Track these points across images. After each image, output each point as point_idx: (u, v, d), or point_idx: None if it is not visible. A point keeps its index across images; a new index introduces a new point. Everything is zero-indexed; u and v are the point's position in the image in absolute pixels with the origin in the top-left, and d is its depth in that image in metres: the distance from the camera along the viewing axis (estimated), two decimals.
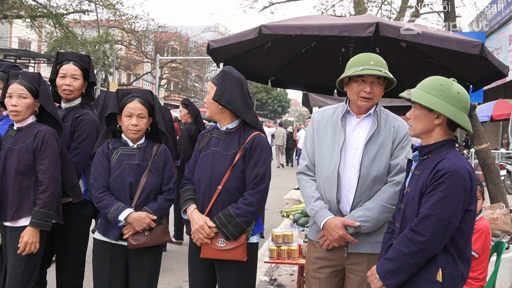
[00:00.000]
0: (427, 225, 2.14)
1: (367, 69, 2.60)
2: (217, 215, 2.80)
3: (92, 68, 3.60)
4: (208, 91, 2.94)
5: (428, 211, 2.15)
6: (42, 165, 3.01)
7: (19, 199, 3.02)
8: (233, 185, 2.81)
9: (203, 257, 2.85)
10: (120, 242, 2.96)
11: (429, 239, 2.13)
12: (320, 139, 2.75)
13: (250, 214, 2.79)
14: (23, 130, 3.11)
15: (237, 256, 2.79)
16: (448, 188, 2.13)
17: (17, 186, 3.02)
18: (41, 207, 2.97)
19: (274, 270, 5.58)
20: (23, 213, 3.01)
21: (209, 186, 2.83)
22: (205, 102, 3.02)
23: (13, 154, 3.05)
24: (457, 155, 2.25)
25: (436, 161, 2.22)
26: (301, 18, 4.58)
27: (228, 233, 2.76)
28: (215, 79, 2.93)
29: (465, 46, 3.74)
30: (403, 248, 2.19)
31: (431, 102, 2.24)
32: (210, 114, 2.96)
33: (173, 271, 5.43)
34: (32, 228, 2.95)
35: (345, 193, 2.66)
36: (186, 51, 35.04)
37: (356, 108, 2.74)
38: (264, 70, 5.73)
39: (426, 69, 4.89)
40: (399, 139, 2.68)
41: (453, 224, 2.13)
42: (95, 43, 21.32)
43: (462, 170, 2.15)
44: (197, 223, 2.80)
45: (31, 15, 16.04)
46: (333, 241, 2.63)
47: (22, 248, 2.94)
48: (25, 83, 3.08)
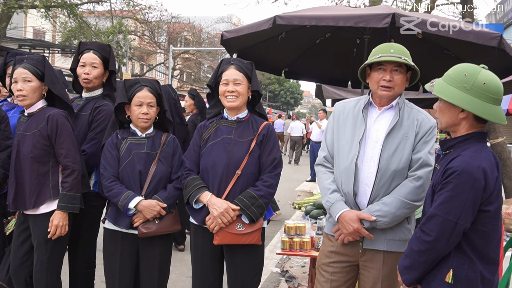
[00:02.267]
0: (432, 225, 2.09)
1: (386, 56, 2.54)
2: (238, 198, 2.83)
3: (113, 57, 3.58)
4: (241, 81, 2.94)
5: (434, 211, 2.09)
6: (62, 149, 3.02)
7: (38, 185, 3.02)
8: (250, 170, 2.88)
9: (219, 243, 2.85)
10: (130, 231, 2.99)
11: (434, 239, 2.08)
12: (340, 130, 2.70)
13: (270, 196, 2.89)
14: (34, 116, 3.09)
15: (255, 239, 2.84)
16: (455, 188, 2.04)
17: (35, 173, 3.03)
18: (68, 190, 2.99)
19: (285, 261, 5.58)
20: (44, 199, 3.02)
21: (226, 171, 2.86)
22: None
23: (26, 140, 3.04)
24: (476, 151, 2.10)
25: (450, 158, 2.13)
26: (316, 9, 4.54)
27: (252, 215, 2.81)
28: (247, 69, 2.97)
29: (483, 38, 3.67)
30: (414, 246, 2.17)
31: (452, 95, 2.12)
32: (240, 104, 2.95)
33: (184, 261, 5.46)
34: (61, 212, 2.98)
35: (363, 186, 2.59)
36: (199, 42, 35.02)
37: (378, 100, 2.67)
38: (278, 61, 5.72)
39: (442, 61, 4.83)
40: (423, 133, 2.58)
41: (460, 225, 2.04)
42: (108, 34, 21.35)
43: (474, 169, 2.03)
44: (220, 207, 2.80)
45: (46, 5, 16.11)
46: (347, 234, 2.57)
47: (53, 232, 2.97)
48: (29, 66, 3.06)
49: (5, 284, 3.27)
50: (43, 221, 3.01)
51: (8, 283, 3.26)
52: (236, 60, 3.02)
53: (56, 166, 3.07)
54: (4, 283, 3.27)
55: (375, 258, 2.59)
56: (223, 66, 3.00)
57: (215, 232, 2.84)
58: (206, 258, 2.95)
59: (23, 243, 3.12)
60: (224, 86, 2.93)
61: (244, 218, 2.84)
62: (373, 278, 2.59)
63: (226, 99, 2.93)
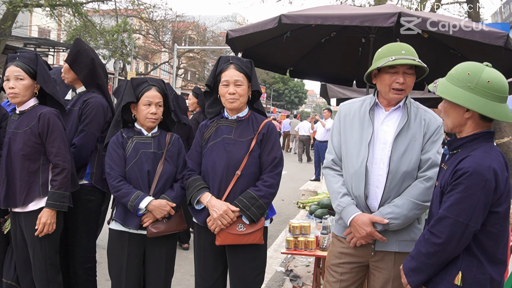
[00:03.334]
0: (442, 227, 2.06)
1: (400, 59, 2.49)
2: (238, 199, 2.82)
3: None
4: (242, 82, 2.91)
5: (444, 213, 2.06)
6: (53, 147, 3.03)
7: (28, 183, 3.04)
8: (250, 170, 2.86)
9: (221, 244, 2.85)
10: (139, 231, 2.98)
11: (444, 242, 2.05)
12: (347, 132, 2.67)
13: (271, 196, 2.87)
14: (26, 114, 3.10)
15: (257, 239, 2.83)
16: (466, 190, 2.01)
17: (25, 171, 3.04)
18: (58, 188, 3.01)
19: (290, 261, 5.58)
20: (33, 197, 3.04)
21: (225, 172, 2.85)
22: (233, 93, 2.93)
23: (17, 138, 3.05)
24: (485, 151, 2.07)
25: (460, 158, 2.09)
26: (321, 8, 4.53)
27: (252, 215, 2.80)
28: (247, 68, 2.94)
29: (489, 38, 3.65)
30: (422, 248, 2.14)
31: (456, 95, 2.08)
32: (240, 104, 2.94)
33: (189, 260, 5.46)
34: (49, 210, 2.99)
35: (373, 189, 2.56)
36: (204, 40, 35.03)
37: (385, 101, 2.63)
38: (283, 60, 5.71)
39: (448, 60, 4.80)
40: (430, 133, 2.56)
41: (471, 227, 2.02)
42: (113, 32, 21.40)
43: (485, 170, 1.99)
44: (219, 209, 2.79)
45: (51, 4, 16.14)
46: (360, 238, 2.54)
47: (40, 229, 2.98)
48: (22, 64, 3.06)
49: (13, 283, 3.29)
50: (33, 218, 3.02)
51: (16, 281, 3.28)
52: (235, 59, 2.98)
53: (46, 164, 3.08)
54: (13, 282, 3.29)
55: (386, 259, 2.57)
56: (221, 65, 2.95)
57: (216, 233, 2.84)
58: (209, 257, 2.95)
59: (21, 241, 3.14)
60: (224, 88, 2.91)
61: (244, 218, 2.83)
62: (383, 279, 2.57)
63: (227, 101, 2.91)
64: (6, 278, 3.31)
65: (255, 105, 3.09)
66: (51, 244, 3.09)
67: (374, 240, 2.56)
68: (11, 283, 3.28)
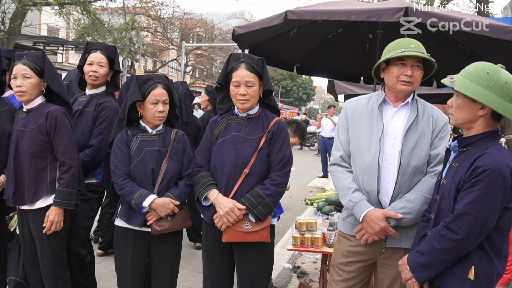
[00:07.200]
0: (462, 223, 2.06)
1: (409, 51, 2.50)
2: (245, 197, 2.81)
3: (118, 58, 3.78)
4: (253, 82, 2.88)
5: (464, 209, 2.06)
6: (60, 145, 3.06)
7: (36, 181, 3.06)
8: (259, 168, 2.85)
9: (227, 241, 2.85)
10: (143, 229, 2.98)
11: (463, 237, 2.06)
12: (356, 128, 2.65)
13: (279, 195, 2.85)
14: (33, 112, 3.12)
15: (263, 237, 2.83)
16: (487, 187, 2.03)
17: (33, 168, 3.06)
18: (65, 186, 3.04)
19: (297, 257, 5.58)
20: (41, 194, 3.06)
21: (233, 170, 2.84)
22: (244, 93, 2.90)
23: (25, 136, 3.07)
24: (499, 149, 2.11)
25: (476, 156, 2.11)
26: (328, 4, 4.51)
27: (258, 214, 2.79)
28: (258, 67, 2.91)
29: (498, 32, 3.62)
30: (436, 244, 2.13)
31: (476, 92, 2.11)
32: (251, 105, 2.92)
33: (196, 256, 5.48)
34: (56, 208, 3.02)
35: (384, 184, 2.54)
36: (212, 38, 35.03)
37: (393, 96, 2.63)
38: (290, 57, 5.69)
39: (456, 55, 4.77)
40: (438, 129, 2.58)
41: (489, 223, 2.04)
42: (121, 30, 21.46)
43: (503, 168, 2.03)
44: (226, 207, 2.79)
45: (60, 2, 16.24)
46: (373, 234, 2.52)
47: (48, 227, 3.01)
48: (29, 63, 3.08)
49: (22, 280, 3.32)
50: (41, 216, 3.05)
51: (24, 278, 3.30)
52: (246, 57, 2.93)
53: (54, 162, 3.10)
54: (21, 279, 3.32)
55: (395, 255, 2.55)
56: (232, 63, 2.92)
57: (223, 230, 2.84)
58: (216, 254, 2.95)
59: (29, 238, 3.16)
60: (235, 88, 2.88)
61: (251, 216, 2.83)
62: (392, 276, 2.55)
63: (238, 102, 2.89)
64: (14, 275, 3.33)
65: (267, 101, 3.05)
66: (58, 241, 3.12)
67: (385, 237, 2.55)
68: (20, 280, 3.31)
